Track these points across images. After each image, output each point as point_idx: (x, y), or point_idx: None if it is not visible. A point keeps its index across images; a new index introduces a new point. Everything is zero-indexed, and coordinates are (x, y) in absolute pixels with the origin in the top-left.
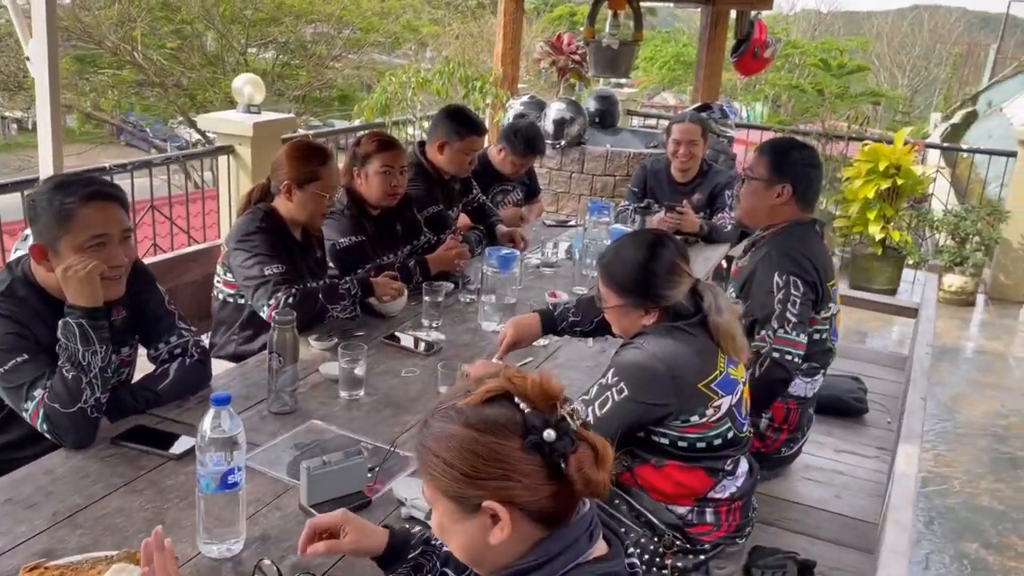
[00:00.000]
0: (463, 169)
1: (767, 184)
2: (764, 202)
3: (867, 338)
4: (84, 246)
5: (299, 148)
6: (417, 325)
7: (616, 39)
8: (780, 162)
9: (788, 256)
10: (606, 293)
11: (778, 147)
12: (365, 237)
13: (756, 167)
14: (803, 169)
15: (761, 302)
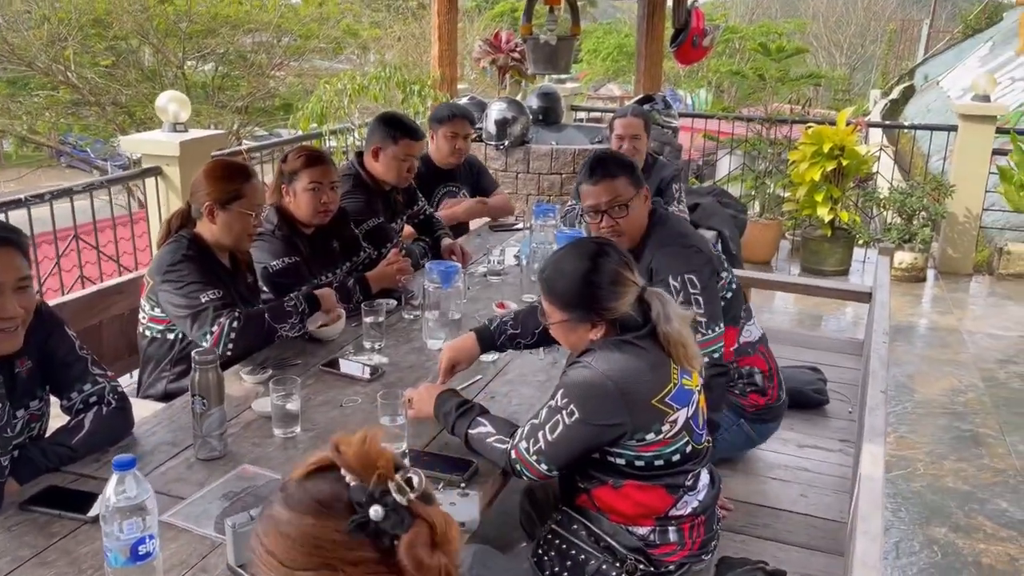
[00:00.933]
0: (401, 176)
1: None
2: (640, 211)
3: (822, 321)
4: None
5: (218, 167)
6: (359, 348)
7: (553, 34)
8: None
9: (672, 256)
10: (549, 309)
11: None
12: (299, 257)
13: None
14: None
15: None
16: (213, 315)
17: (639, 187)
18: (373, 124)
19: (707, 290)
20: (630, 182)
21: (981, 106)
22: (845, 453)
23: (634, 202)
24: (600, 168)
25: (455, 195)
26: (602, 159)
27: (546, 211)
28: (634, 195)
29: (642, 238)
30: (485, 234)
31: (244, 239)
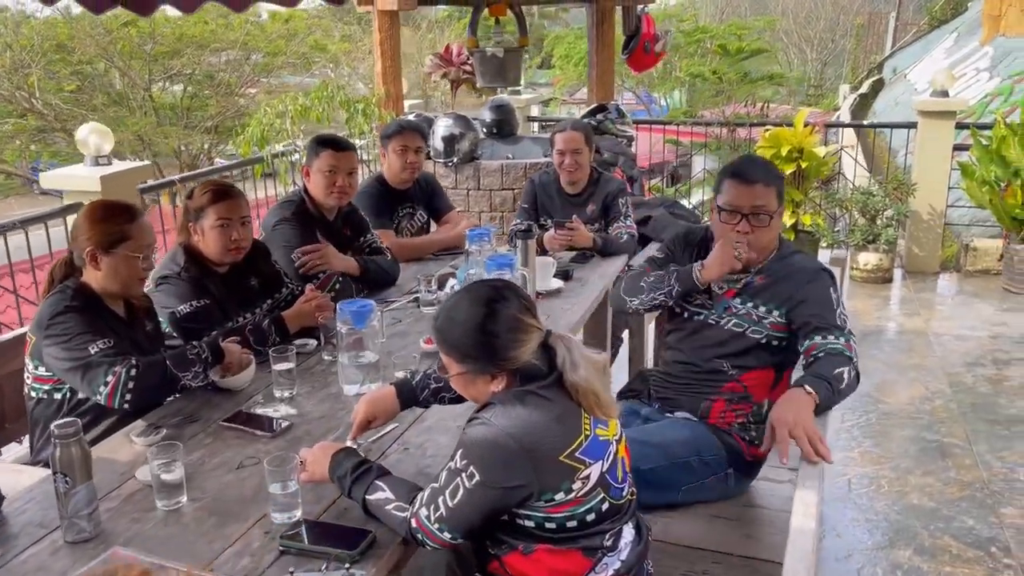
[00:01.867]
0: (329, 195)
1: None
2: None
3: None
4: None
5: (99, 208)
6: (268, 398)
7: (500, 47)
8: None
9: (825, 271)
10: (446, 360)
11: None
12: (209, 300)
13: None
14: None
15: (818, 311)
16: (106, 366)
17: (783, 202)
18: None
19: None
20: (778, 197)
21: (940, 102)
22: (795, 484)
23: (775, 219)
24: (759, 170)
25: (412, 216)
26: (757, 162)
27: (481, 235)
28: (777, 210)
29: (777, 254)
30: (425, 259)
31: (134, 284)
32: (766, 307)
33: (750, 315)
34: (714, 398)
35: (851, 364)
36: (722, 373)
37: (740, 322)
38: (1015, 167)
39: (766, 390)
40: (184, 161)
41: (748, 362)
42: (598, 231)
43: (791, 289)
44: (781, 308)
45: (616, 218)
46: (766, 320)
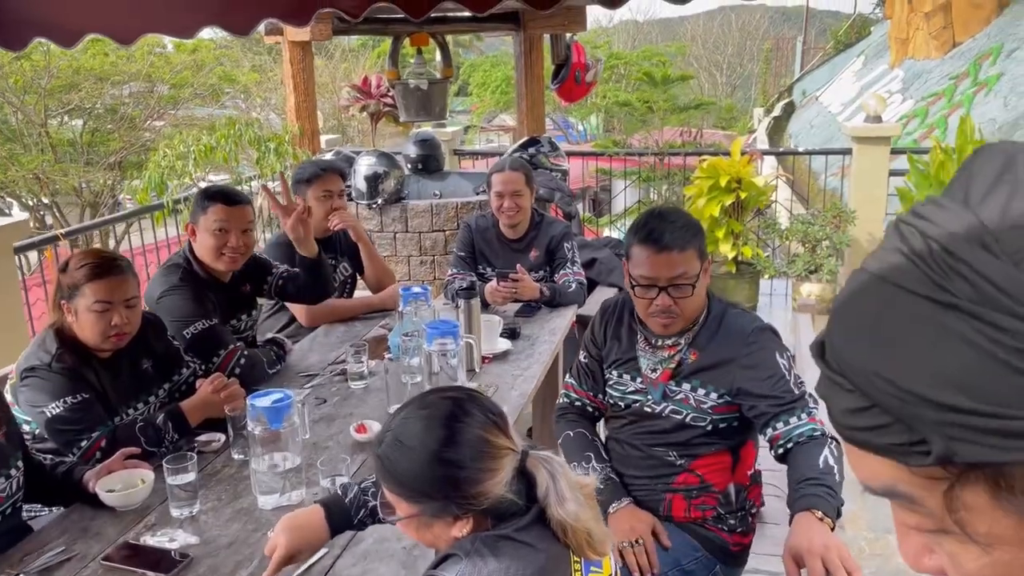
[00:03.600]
0: (219, 258)
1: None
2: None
3: None
4: None
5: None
6: (163, 521)
7: (424, 79)
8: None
9: (769, 331)
10: (391, 499)
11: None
12: (90, 394)
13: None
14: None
15: (770, 388)
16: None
17: (705, 258)
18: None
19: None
20: (699, 253)
21: (874, 128)
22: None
23: (701, 280)
24: (667, 234)
25: (334, 269)
26: (669, 219)
27: (416, 295)
28: (700, 270)
29: (707, 315)
30: (343, 326)
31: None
32: (705, 390)
33: (689, 400)
34: (670, 494)
35: (826, 441)
36: (671, 464)
37: (679, 408)
38: None
39: (726, 474)
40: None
41: (697, 450)
42: (543, 279)
43: (731, 367)
44: (721, 391)
45: (562, 264)
46: (707, 405)
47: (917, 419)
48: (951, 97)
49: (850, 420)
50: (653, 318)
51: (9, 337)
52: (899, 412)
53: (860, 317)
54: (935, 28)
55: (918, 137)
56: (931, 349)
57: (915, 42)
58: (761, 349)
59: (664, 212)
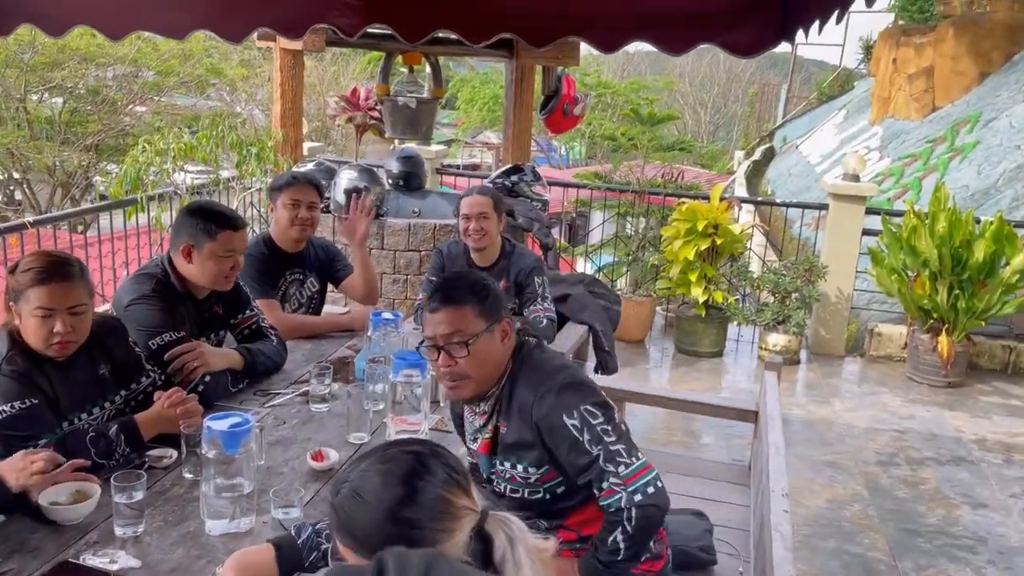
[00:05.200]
0: (221, 279)
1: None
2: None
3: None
4: None
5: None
6: (106, 539)
7: (413, 97)
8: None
9: (558, 394)
10: (343, 550)
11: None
12: (39, 399)
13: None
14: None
15: (575, 458)
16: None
17: (493, 320)
18: (180, 219)
19: (611, 419)
20: (480, 312)
21: (852, 186)
22: None
23: (482, 339)
24: (443, 291)
25: (302, 284)
26: (451, 279)
27: (386, 322)
28: (482, 330)
29: (506, 381)
30: (312, 345)
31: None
32: (523, 465)
33: (516, 478)
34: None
35: (620, 518)
36: (542, 529)
37: (512, 486)
38: (924, 258)
39: (601, 517)
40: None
41: (558, 513)
42: (512, 313)
43: (534, 443)
44: (535, 465)
45: (532, 299)
46: (533, 479)
47: None
48: (927, 160)
49: None
50: (443, 381)
51: None
52: None
53: None
54: (917, 90)
55: (892, 196)
56: None
57: (896, 102)
58: (549, 422)
59: (455, 274)
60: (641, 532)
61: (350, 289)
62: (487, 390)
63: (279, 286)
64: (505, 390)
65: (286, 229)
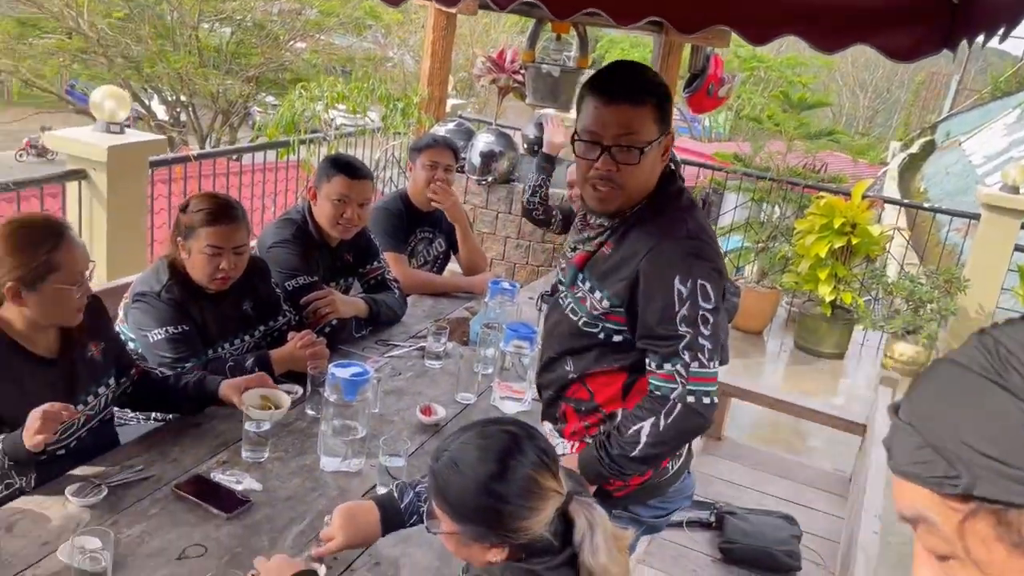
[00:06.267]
0: (335, 226)
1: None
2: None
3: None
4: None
5: (18, 233)
6: (233, 461)
7: (558, 66)
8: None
9: (688, 250)
10: (438, 512)
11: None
12: (190, 326)
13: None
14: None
15: (656, 321)
16: None
17: (665, 131)
18: (319, 165)
19: (716, 314)
20: (657, 117)
21: (1009, 198)
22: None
23: (652, 149)
24: (621, 84)
25: (430, 243)
26: (632, 69)
27: (503, 291)
28: (655, 139)
29: (644, 207)
30: (433, 302)
31: (70, 316)
32: (601, 292)
33: (585, 299)
34: (564, 403)
35: (662, 407)
36: (566, 372)
37: (576, 308)
38: None
39: (616, 400)
40: (220, 106)
41: (588, 362)
42: None
43: (628, 277)
44: (614, 299)
45: None
46: (598, 312)
47: (957, 458)
48: None
49: (906, 457)
50: (589, 186)
51: (134, 245)
52: (945, 452)
53: (937, 385)
54: None
55: None
56: (981, 412)
57: None
58: (658, 271)
59: (628, 63)
60: (672, 434)
61: (459, 260)
62: (630, 207)
63: (409, 242)
64: (635, 215)
65: (422, 189)
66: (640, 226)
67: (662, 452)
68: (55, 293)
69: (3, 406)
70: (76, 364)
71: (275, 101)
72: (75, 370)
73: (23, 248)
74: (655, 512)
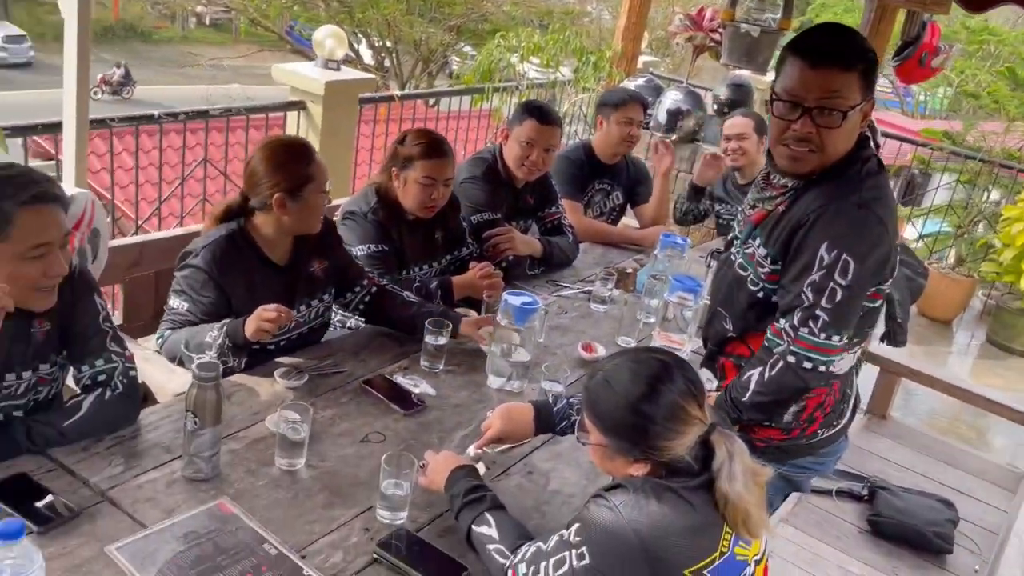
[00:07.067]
0: (520, 167)
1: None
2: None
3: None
4: (26, 256)
5: (279, 151)
6: (412, 368)
7: (758, 26)
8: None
9: (850, 222)
10: (588, 424)
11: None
12: (389, 247)
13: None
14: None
15: (792, 278)
16: (165, 326)
17: (868, 96)
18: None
19: (854, 290)
20: (863, 84)
21: None
22: None
23: (854, 114)
24: (829, 47)
25: (608, 195)
26: (836, 33)
27: (675, 243)
28: (859, 103)
29: (829, 171)
30: (603, 251)
31: (318, 221)
32: (766, 250)
33: (754, 255)
34: (723, 358)
35: (769, 358)
36: (726, 329)
37: (745, 263)
38: None
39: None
40: (422, 53)
41: (749, 320)
42: None
43: (791, 231)
44: (775, 256)
45: None
46: (763, 270)
47: None
48: None
49: None
50: (783, 146)
51: (341, 174)
52: None
53: None
54: None
55: None
56: None
57: None
58: (812, 232)
59: (837, 25)
60: (773, 387)
61: (640, 214)
62: (820, 170)
63: (586, 192)
64: (817, 177)
65: (614, 145)
66: (817, 187)
67: (768, 402)
68: (312, 201)
69: (235, 299)
70: (300, 276)
71: (473, 51)
72: (298, 281)
73: (287, 163)
74: (802, 471)
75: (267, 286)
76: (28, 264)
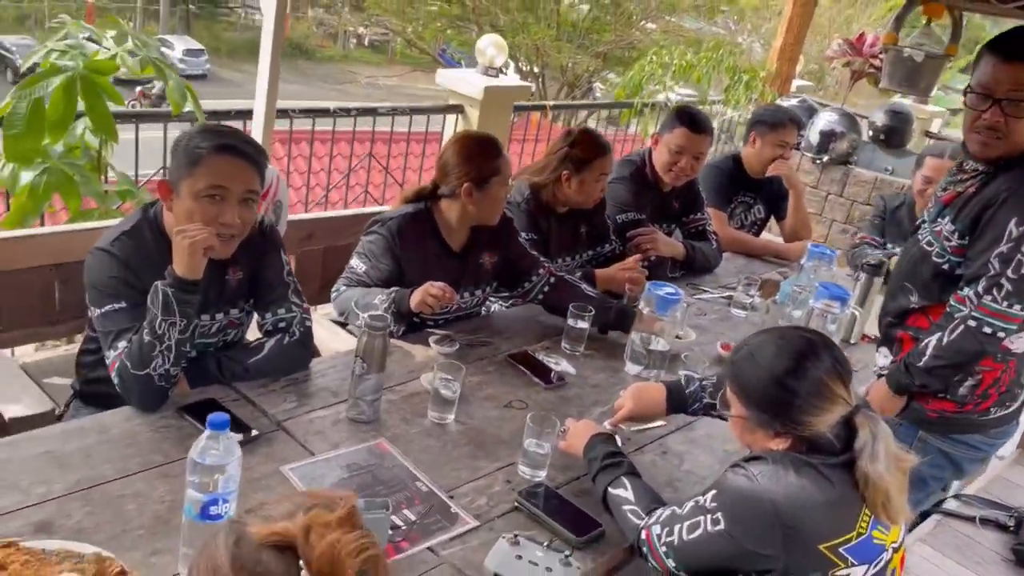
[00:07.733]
0: (668, 172)
1: None
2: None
3: None
4: (201, 193)
5: (473, 144)
6: (553, 348)
7: (922, 50)
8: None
9: None
10: (731, 397)
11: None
12: (537, 236)
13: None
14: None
15: (980, 249)
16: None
17: None
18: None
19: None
20: None
21: None
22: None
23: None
24: (1022, 45)
25: (749, 208)
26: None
27: (822, 254)
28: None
29: (1016, 157)
30: (746, 261)
31: (498, 214)
32: (954, 225)
33: (941, 231)
34: (902, 331)
35: (949, 324)
36: (909, 301)
37: (932, 240)
38: None
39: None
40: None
41: (932, 293)
42: None
43: (981, 209)
44: (963, 230)
45: None
46: (950, 244)
47: None
48: None
49: None
50: (973, 134)
51: None
52: None
53: None
54: None
55: None
56: None
57: None
58: (1009, 207)
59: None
60: (951, 352)
61: (783, 227)
62: (1008, 156)
63: (731, 202)
64: (1008, 163)
65: (764, 162)
66: (1007, 172)
67: (944, 366)
68: (496, 193)
69: (408, 273)
70: (470, 264)
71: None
72: (468, 268)
73: (478, 155)
74: (968, 450)
75: (439, 267)
76: (203, 203)
